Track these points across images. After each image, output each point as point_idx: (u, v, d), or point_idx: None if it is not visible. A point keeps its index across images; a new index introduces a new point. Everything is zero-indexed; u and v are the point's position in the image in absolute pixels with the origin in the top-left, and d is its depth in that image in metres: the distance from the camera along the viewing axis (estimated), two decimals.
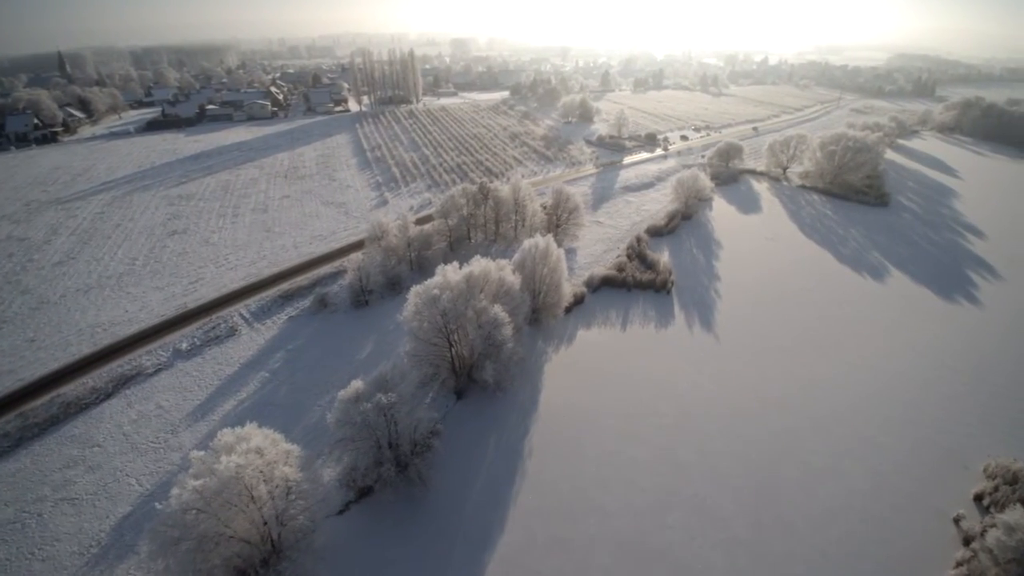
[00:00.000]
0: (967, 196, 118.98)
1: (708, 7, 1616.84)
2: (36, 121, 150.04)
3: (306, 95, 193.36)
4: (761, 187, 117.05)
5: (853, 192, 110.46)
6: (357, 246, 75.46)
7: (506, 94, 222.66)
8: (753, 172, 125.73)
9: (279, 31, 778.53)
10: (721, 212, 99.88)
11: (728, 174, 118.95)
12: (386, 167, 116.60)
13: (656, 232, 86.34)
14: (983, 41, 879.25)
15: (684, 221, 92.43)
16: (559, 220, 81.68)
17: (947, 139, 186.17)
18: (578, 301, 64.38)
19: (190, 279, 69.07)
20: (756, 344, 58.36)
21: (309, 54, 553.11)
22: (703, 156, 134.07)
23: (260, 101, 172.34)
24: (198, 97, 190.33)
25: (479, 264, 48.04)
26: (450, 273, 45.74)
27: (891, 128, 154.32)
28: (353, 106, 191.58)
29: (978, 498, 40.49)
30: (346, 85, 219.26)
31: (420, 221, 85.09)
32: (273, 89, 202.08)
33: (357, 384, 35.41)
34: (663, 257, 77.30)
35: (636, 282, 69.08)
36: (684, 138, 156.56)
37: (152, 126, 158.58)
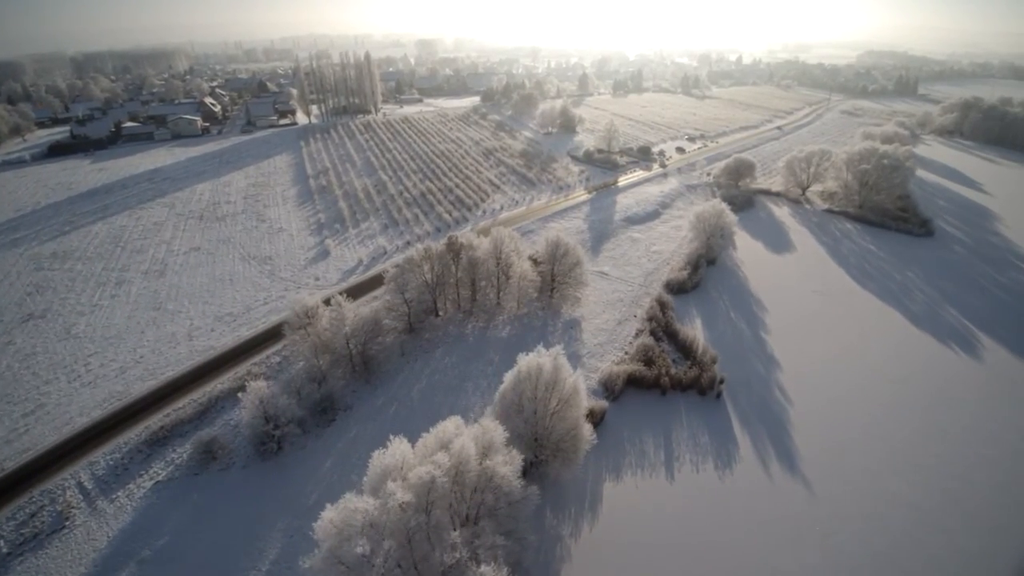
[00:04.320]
0: (1007, 217, 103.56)
1: (675, 5, 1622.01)
2: None
3: (246, 107, 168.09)
4: (782, 212, 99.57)
5: (890, 218, 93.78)
6: (278, 333, 53.73)
7: (476, 100, 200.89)
8: (768, 193, 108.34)
9: (240, 34, 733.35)
10: (747, 251, 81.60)
11: (742, 197, 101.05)
12: (332, 200, 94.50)
13: (679, 288, 67.28)
14: (942, 36, 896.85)
15: (708, 267, 73.81)
16: (554, 279, 62.09)
17: (949, 143, 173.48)
18: (596, 420, 44.41)
19: (25, 408, 46.39)
20: (865, 494, 39.42)
21: (267, 57, 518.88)
22: (708, 174, 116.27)
23: (188, 116, 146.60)
24: (118, 112, 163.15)
25: (447, 455, 27.23)
26: (394, 483, 24.76)
27: (905, 136, 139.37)
28: (302, 118, 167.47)
29: None
30: (295, 92, 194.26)
31: (367, 285, 64.19)
32: (209, 100, 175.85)
33: None
34: (697, 332, 58.22)
35: (673, 381, 49.56)
36: (680, 150, 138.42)
37: (54, 151, 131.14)
